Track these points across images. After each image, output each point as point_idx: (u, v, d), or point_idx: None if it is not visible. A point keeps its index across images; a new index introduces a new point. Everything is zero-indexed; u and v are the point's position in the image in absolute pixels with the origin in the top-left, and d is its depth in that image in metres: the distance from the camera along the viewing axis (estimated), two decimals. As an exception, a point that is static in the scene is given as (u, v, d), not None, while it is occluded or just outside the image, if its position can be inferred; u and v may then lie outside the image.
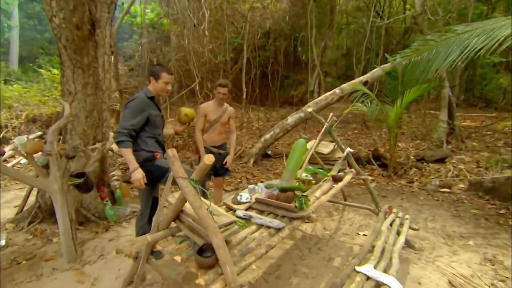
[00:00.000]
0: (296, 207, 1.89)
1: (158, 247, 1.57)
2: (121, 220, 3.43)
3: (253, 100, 11.38)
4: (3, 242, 3.01)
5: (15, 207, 3.69)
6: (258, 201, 2.04)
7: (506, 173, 4.23)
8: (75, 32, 2.72)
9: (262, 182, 5.01)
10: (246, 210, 1.99)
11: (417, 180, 4.65)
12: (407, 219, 2.58)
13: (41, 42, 13.23)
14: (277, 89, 11.83)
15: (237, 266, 1.32)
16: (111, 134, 7.89)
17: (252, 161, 5.84)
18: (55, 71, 8.43)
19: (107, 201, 3.60)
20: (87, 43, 2.87)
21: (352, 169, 2.97)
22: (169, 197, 1.67)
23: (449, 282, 2.23)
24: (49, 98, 7.77)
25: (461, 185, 4.36)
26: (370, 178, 4.80)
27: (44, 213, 3.33)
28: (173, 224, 1.70)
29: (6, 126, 6.69)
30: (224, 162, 3.25)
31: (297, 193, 1.99)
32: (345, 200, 3.97)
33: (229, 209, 2.03)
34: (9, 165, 5.39)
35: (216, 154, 3.19)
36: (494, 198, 3.82)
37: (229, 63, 10.40)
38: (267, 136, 5.93)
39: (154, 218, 1.73)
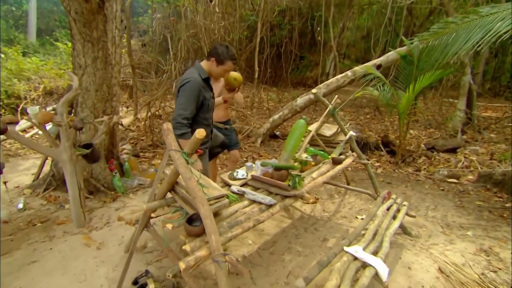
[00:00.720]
0: (289, 185, 1.93)
1: (153, 215, 1.67)
2: (128, 191, 3.59)
3: (266, 80, 11.25)
4: (21, 205, 3.24)
5: (32, 174, 3.92)
6: (253, 178, 2.09)
7: (519, 166, 4.09)
8: (84, 5, 2.75)
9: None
10: (241, 186, 2.05)
11: (424, 168, 4.58)
12: (404, 205, 2.58)
13: (57, 15, 13.34)
14: (292, 69, 11.60)
15: (223, 237, 1.40)
16: (124, 109, 8.02)
17: (259, 141, 5.88)
18: (70, 45, 8.55)
19: (115, 173, 3.76)
20: (96, 16, 2.90)
21: (354, 153, 2.96)
22: (165, 169, 1.74)
23: (439, 269, 2.26)
24: (65, 71, 7.96)
25: (470, 176, 4.27)
26: (376, 164, 4.78)
27: (57, 181, 3.52)
28: (169, 195, 1.79)
29: (25, 98, 6.94)
30: (232, 137, 3.28)
31: (292, 172, 2.02)
32: (348, 184, 3.98)
33: (225, 184, 2.10)
34: (28, 135, 5.66)
35: (223, 129, 3.25)
36: (502, 191, 3.73)
37: (244, 42, 10.23)
38: (276, 116, 5.92)
39: (151, 189, 1.82)
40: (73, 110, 3.42)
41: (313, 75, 13.12)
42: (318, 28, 12.75)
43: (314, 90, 2.79)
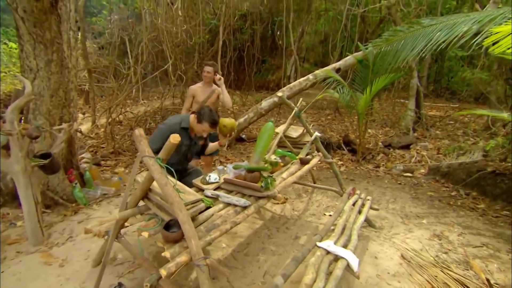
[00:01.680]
0: (262, 187, 1.97)
1: (127, 224, 1.60)
2: (91, 202, 3.38)
3: (229, 84, 11.27)
4: (-39, 226, 2.88)
5: (-26, 190, 3.51)
6: (226, 181, 2.10)
7: (461, 159, 4.59)
8: (34, 3, 2.55)
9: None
10: (214, 190, 2.05)
11: (383, 165, 4.93)
12: (368, 200, 2.77)
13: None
14: (254, 73, 11.76)
15: (202, 241, 1.39)
16: (80, 115, 7.52)
17: (226, 143, 5.87)
18: (12, 44, 7.81)
19: (76, 183, 3.52)
20: (49, 16, 2.71)
21: (320, 153, 3.10)
22: (137, 177, 1.69)
23: (402, 256, 2.46)
24: (7, 74, 7.24)
25: (422, 170, 4.69)
26: (339, 162, 5.03)
27: (5, 196, 3.20)
28: (141, 203, 1.73)
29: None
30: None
31: (264, 173, 2.07)
32: (314, 183, 4.14)
33: (198, 189, 2.08)
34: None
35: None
36: (448, 181, 4.15)
37: (205, 45, 10.16)
38: (241, 120, 5.95)
39: (123, 197, 1.74)
40: (22, 118, 3.14)
41: (275, 78, 13.42)
42: (279, 33, 13.11)
43: (279, 93, 2.88)
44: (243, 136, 6.33)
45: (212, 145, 2.77)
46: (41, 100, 3.01)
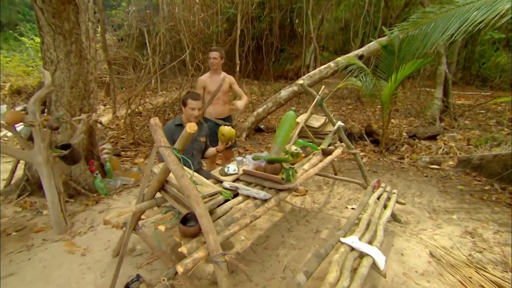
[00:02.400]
0: (283, 179, 1.88)
1: (143, 217, 1.57)
2: (111, 192, 3.43)
3: (247, 74, 11.14)
4: (-8, 214, 3.00)
5: (4, 180, 3.65)
6: (245, 172, 2.03)
7: (494, 151, 4.27)
8: (53, -6, 2.55)
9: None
10: (233, 181, 1.98)
11: (408, 156, 4.70)
12: (394, 193, 2.61)
13: (20, 7, 12.46)
14: (272, 62, 11.55)
15: (221, 235, 1.33)
16: (101, 107, 7.68)
17: (244, 135, 5.81)
18: (38, 39, 8.05)
19: (97, 174, 3.58)
20: (67, 6, 2.70)
21: (342, 143, 2.96)
22: (154, 168, 1.64)
23: (430, 253, 2.31)
24: (34, 68, 7.48)
25: (450, 162, 4.42)
26: (361, 153, 4.84)
27: (32, 185, 3.30)
28: (159, 195, 1.69)
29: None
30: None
31: (285, 165, 1.97)
32: (335, 174, 4.00)
33: (217, 180, 2.02)
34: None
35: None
36: (480, 175, 3.88)
37: (223, 34, 10.03)
38: (260, 110, 5.86)
39: (139, 189, 1.71)
40: (45, 109, 3.20)
41: (294, 67, 13.13)
42: (297, 20, 12.74)
43: (300, 81, 2.74)
44: (262, 126, 6.24)
45: (210, 150, 2.66)
46: (62, 91, 3.04)
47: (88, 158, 3.66)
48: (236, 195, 1.80)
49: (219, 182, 1.99)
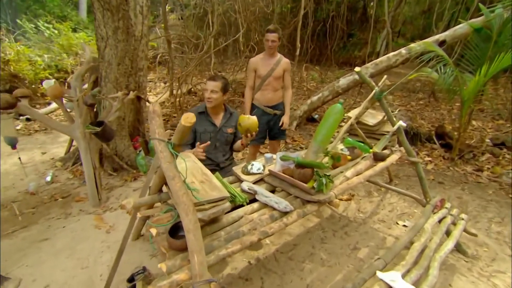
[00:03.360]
0: (313, 188, 1.55)
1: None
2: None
3: (309, 58, 10.50)
4: (49, 178, 3.28)
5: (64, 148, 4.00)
6: (271, 173, 1.74)
7: None
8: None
9: (297, 149, 4.63)
10: (255, 182, 1.72)
11: (489, 169, 3.82)
12: (463, 219, 2.05)
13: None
14: (339, 48, 10.66)
15: (214, 255, 1.09)
16: (162, 84, 7.97)
17: (295, 124, 5.46)
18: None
19: (140, 151, 3.65)
20: (114, -19, 2.65)
21: (401, 148, 2.44)
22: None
23: (506, 306, 1.76)
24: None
25: (551, 183, 3.45)
26: (427, 158, 4.12)
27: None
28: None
29: (72, 72, 7.22)
30: (280, 124, 2.97)
31: (319, 171, 1.62)
32: (390, 180, 3.46)
33: (237, 179, 1.78)
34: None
35: (271, 115, 2.95)
36: None
37: (288, 15, 9.52)
38: (314, 98, 5.41)
39: (146, 180, 1.58)
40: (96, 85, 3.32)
41: (362, 54, 11.97)
42: (372, 3, 11.42)
43: (357, 69, 2.28)
44: (316, 116, 5.80)
45: (238, 142, 2.35)
46: (110, 68, 3.09)
47: (133, 135, 3.76)
48: (253, 200, 1.54)
49: (240, 181, 1.74)
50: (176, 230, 1.21)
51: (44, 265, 2.02)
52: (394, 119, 2.41)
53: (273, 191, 1.70)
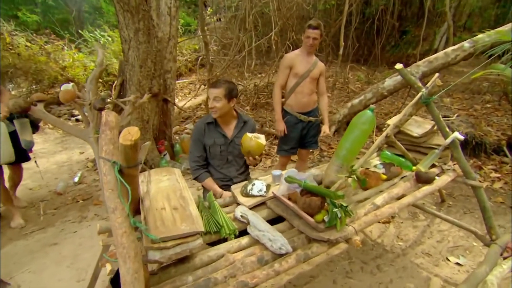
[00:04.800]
0: (323, 221, 1.19)
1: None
2: (172, 176, 3.37)
3: (356, 58, 9.76)
4: (76, 179, 3.36)
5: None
6: (275, 196, 1.41)
7: None
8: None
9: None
10: (254, 207, 1.40)
11: None
12: (544, 270, 1.50)
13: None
14: (391, 46, 9.74)
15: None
16: (203, 86, 8.05)
17: (333, 129, 4.99)
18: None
19: (165, 154, 3.58)
20: (131, -20, 2.57)
21: (456, 165, 1.92)
22: (140, 176, 1.26)
23: None
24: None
25: None
26: (494, 174, 3.41)
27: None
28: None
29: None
30: (314, 133, 2.72)
31: (334, 201, 1.25)
32: (442, 201, 2.87)
33: (235, 201, 1.48)
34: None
35: (305, 122, 2.65)
36: None
37: (334, 12, 8.94)
38: (356, 101, 4.90)
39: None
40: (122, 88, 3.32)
41: (416, 53, 10.81)
42: (430, -4, 10.21)
43: (399, 65, 1.83)
44: (356, 121, 5.25)
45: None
46: (133, 70, 3.04)
47: (159, 138, 3.70)
48: (245, 231, 1.23)
49: (237, 204, 1.44)
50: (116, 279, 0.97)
51: (45, 273, 1.98)
52: (447, 129, 1.90)
53: (278, 220, 1.37)
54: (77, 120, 5.99)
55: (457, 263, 2.06)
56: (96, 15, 13.99)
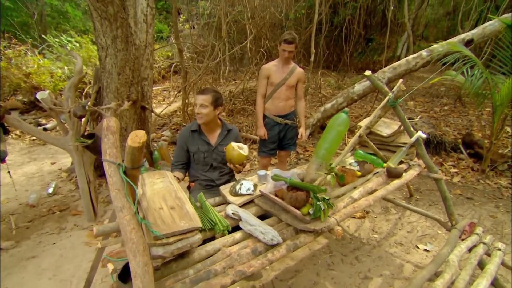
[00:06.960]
0: (308, 213, 1.31)
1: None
2: (152, 183, 3.35)
3: (326, 65, 10.20)
4: (50, 190, 3.23)
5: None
6: (262, 194, 1.52)
7: None
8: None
9: (308, 160, 4.36)
10: (243, 205, 1.50)
11: (527, 182, 3.38)
12: (499, 249, 1.72)
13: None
14: (358, 53, 10.29)
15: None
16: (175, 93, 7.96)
17: (307, 133, 5.19)
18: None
19: (144, 161, 3.53)
20: (109, -12, 2.57)
21: (420, 161, 2.14)
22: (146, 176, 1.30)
23: None
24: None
25: None
26: (453, 170, 3.74)
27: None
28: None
29: (90, 83, 7.38)
30: (291, 135, 2.85)
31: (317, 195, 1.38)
32: (410, 195, 3.12)
33: (225, 200, 1.57)
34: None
35: (282, 125, 2.78)
36: None
37: (304, 21, 9.31)
38: (328, 105, 5.13)
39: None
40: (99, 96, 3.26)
41: (382, 59, 11.52)
42: (393, 7, 10.97)
43: (367, 72, 2.03)
44: (329, 124, 5.50)
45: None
46: (111, 78, 3.01)
47: (137, 145, 3.65)
48: (237, 227, 1.32)
49: (227, 203, 1.53)
50: (124, 273, 1.01)
51: (25, 287, 1.90)
52: (412, 129, 2.12)
53: (266, 217, 1.47)
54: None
55: (425, 250, 2.28)
56: (61, 19, 13.40)
